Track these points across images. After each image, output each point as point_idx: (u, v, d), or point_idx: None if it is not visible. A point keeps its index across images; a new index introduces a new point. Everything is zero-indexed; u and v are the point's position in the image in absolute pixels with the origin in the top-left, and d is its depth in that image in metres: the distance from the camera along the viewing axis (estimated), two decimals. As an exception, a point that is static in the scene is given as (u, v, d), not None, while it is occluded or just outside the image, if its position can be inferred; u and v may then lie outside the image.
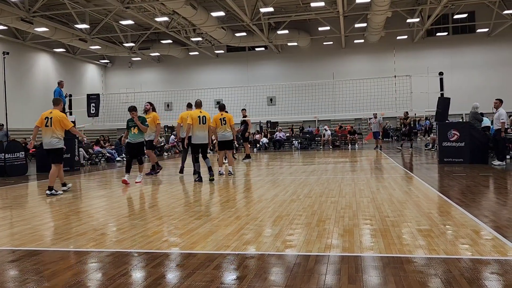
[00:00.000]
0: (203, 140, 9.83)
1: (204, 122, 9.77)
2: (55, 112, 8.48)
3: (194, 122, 9.72)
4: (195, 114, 9.82)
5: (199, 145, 9.83)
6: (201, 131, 9.74)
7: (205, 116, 9.87)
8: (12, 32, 27.86)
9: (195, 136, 9.72)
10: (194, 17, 24.30)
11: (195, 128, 9.72)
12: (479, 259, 3.68)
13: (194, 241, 4.55)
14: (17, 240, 4.84)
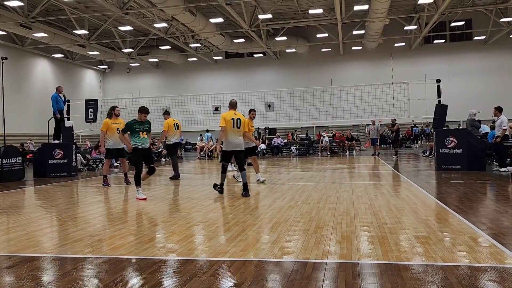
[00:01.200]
0: (237, 146, 8.51)
1: (238, 126, 8.53)
2: None
3: (227, 126, 8.44)
4: (229, 116, 8.49)
5: (231, 152, 8.57)
6: (235, 136, 8.49)
7: (240, 118, 8.58)
8: (10, 37, 27.90)
9: (228, 142, 8.47)
10: (193, 23, 24.39)
11: (228, 132, 8.47)
12: (476, 266, 3.68)
13: (191, 248, 4.53)
14: (13, 246, 4.81)
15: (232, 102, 8.75)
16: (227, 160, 8.57)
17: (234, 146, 8.45)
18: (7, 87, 27.33)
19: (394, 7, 26.42)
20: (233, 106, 8.72)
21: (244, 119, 8.71)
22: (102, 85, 39.27)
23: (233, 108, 8.69)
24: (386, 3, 21.79)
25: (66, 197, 9.04)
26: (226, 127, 8.36)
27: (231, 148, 8.46)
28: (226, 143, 8.45)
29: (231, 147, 8.45)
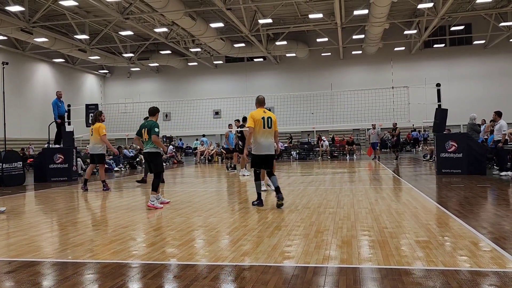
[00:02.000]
0: (269, 149, 7.37)
1: (270, 126, 7.37)
2: None
3: (257, 126, 7.29)
4: (258, 114, 7.34)
5: (262, 156, 7.36)
6: (267, 137, 7.34)
7: (271, 117, 7.41)
8: (11, 42, 27.98)
9: (258, 145, 7.33)
10: (193, 28, 24.47)
11: (258, 133, 7.30)
12: (477, 271, 3.67)
13: (191, 252, 4.53)
14: (14, 251, 4.81)
15: (260, 98, 7.56)
16: (259, 166, 7.43)
17: (266, 149, 7.32)
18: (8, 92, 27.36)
19: (394, 12, 26.49)
20: (261, 103, 7.54)
21: (275, 117, 7.54)
22: (103, 90, 39.33)
23: (262, 105, 7.53)
24: (386, 7, 21.86)
25: (67, 202, 9.04)
26: (255, 128, 7.27)
27: (263, 151, 7.31)
28: (256, 146, 7.34)
29: (262, 150, 7.31)
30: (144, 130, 7.85)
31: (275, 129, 7.54)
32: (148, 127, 7.79)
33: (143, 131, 7.89)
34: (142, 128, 7.94)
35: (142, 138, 7.95)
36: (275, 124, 7.54)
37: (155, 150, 7.81)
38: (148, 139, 7.79)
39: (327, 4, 24.37)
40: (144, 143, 7.92)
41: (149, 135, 7.77)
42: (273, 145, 7.48)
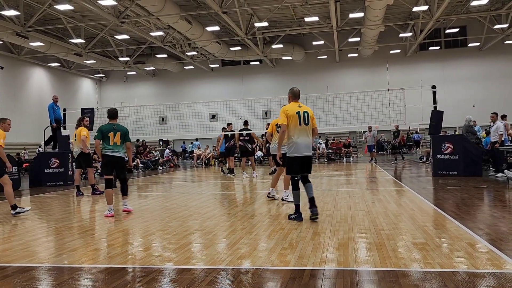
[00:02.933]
0: (307, 149, 6.20)
1: (307, 122, 6.19)
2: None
3: (292, 122, 6.13)
4: (293, 109, 6.18)
5: (301, 158, 6.16)
6: (304, 135, 6.16)
7: (307, 111, 6.25)
8: (7, 47, 27.90)
9: (295, 145, 6.11)
10: (189, 31, 24.48)
11: (294, 131, 6.12)
12: (474, 272, 3.67)
13: (188, 256, 4.51)
14: (9, 256, 4.77)
15: (294, 90, 6.44)
16: (296, 170, 6.18)
17: (304, 149, 6.13)
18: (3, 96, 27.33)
19: (389, 15, 26.61)
20: (296, 96, 6.40)
21: (312, 112, 6.37)
22: (99, 94, 39.25)
23: (296, 99, 6.40)
24: (381, 10, 21.96)
25: (62, 206, 8.99)
26: (290, 125, 6.13)
27: (301, 152, 6.11)
28: (293, 147, 6.13)
29: (300, 151, 6.10)
30: (113, 134, 7.36)
31: (314, 126, 6.37)
32: (122, 131, 7.46)
33: (110, 134, 7.34)
34: (110, 131, 7.36)
35: (108, 142, 7.36)
36: (313, 119, 6.35)
37: (124, 155, 7.52)
38: (121, 144, 7.44)
39: (322, 7, 24.46)
40: (111, 146, 7.36)
41: (123, 140, 7.46)
42: (311, 144, 6.31)
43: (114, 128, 7.44)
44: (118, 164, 7.50)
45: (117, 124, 7.58)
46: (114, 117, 7.65)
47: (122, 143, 7.46)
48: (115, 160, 7.41)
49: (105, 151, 7.38)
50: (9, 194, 7.69)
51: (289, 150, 6.17)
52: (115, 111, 7.70)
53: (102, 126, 7.50)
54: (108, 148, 7.36)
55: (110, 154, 7.36)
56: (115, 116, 7.67)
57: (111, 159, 7.39)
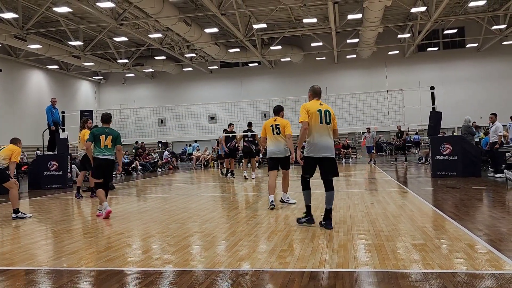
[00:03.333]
0: (327, 150, 5.78)
1: (328, 121, 5.85)
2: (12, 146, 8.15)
3: (312, 121, 5.80)
4: (314, 107, 5.87)
5: (318, 159, 5.81)
6: (324, 135, 5.80)
7: (328, 110, 5.92)
8: (5, 49, 27.87)
9: (314, 145, 5.78)
10: (188, 33, 24.49)
11: (315, 130, 5.78)
12: (474, 273, 3.67)
13: (187, 258, 4.50)
14: (8, 260, 4.75)
15: (315, 88, 6.13)
16: (310, 171, 5.89)
17: (324, 150, 5.74)
18: (1, 99, 27.30)
19: (387, 16, 26.66)
20: (317, 94, 6.08)
21: (333, 112, 6.03)
22: (98, 96, 39.23)
23: (318, 97, 6.09)
24: (379, 12, 21.99)
25: (61, 209, 8.97)
26: (310, 123, 5.81)
27: (320, 153, 5.75)
28: (311, 147, 5.80)
29: (319, 151, 5.75)
30: (105, 137, 7.49)
31: (335, 127, 6.00)
32: (113, 135, 7.58)
33: (101, 137, 7.48)
34: (101, 134, 7.50)
35: (99, 144, 7.48)
36: (335, 119, 6.00)
37: (114, 158, 7.66)
38: (112, 148, 7.56)
39: (321, 9, 24.49)
40: (101, 149, 7.48)
41: (114, 143, 7.58)
42: (332, 145, 5.90)
43: (106, 131, 7.58)
44: (108, 167, 7.56)
45: (109, 128, 7.73)
46: (107, 122, 7.81)
47: (113, 146, 7.60)
48: (105, 163, 7.51)
49: (96, 154, 7.52)
50: (14, 197, 7.86)
51: (307, 149, 5.88)
52: (108, 116, 7.86)
53: (94, 129, 7.82)
54: (99, 150, 7.49)
55: (100, 157, 7.48)
56: (109, 121, 7.84)
57: (102, 162, 7.49)
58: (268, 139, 7.87)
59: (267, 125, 7.91)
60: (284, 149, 7.76)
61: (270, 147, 7.84)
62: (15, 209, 7.78)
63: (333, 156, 5.84)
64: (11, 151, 8.02)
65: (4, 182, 7.96)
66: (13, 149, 8.08)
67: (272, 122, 7.87)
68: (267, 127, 7.89)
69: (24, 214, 7.82)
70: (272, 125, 7.82)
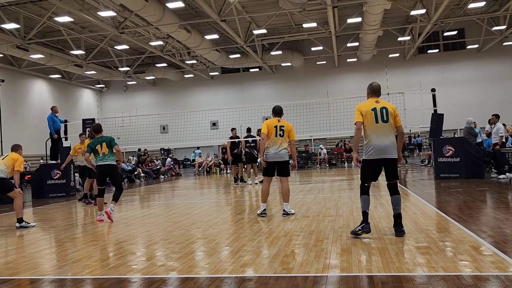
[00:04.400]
0: (386, 151, 5.31)
1: (385, 120, 5.35)
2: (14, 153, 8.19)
3: (367, 121, 5.39)
4: (367, 106, 5.46)
5: (378, 161, 5.36)
6: (382, 135, 5.32)
7: (386, 107, 5.40)
8: (7, 60, 28.04)
9: (372, 147, 5.34)
10: (189, 40, 24.59)
11: (371, 130, 5.37)
12: (478, 275, 3.66)
13: (191, 265, 4.50)
14: (12, 269, 4.76)
15: (373, 86, 5.61)
16: (371, 176, 5.44)
17: (383, 152, 5.30)
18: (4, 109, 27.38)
19: (387, 19, 26.71)
20: (375, 92, 5.58)
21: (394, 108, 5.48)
22: (99, 104, 39.36)
23: (376, 94, 5.57)
24: (379, 15, 22.04)
25: (65, 218, 8.99)
26: (364, 123, 5.41)
27: (378, 154, 5.32)
28: (369, 149, 5.39)
29: (377, 153, 5.31)
30: (100, 145, 7.97)
31: (397, 124, 5.46)
32: (106, 141, 8.01)
33: (98, 147, 7.97)
34: (97, 144, 8.00)
35: (98, 154, 7.98)
36: (396, 116, 5.46)
37: (114, 163, 8.06)
38: (109, 152, 7.98)
39: (320, 13, 24.57)
40: (101, 157, 7.97)
41: (109, 148, 7.99)
42: (394, 145, 5.37)
43: (99, 140, 8.07)
44: (110, 172, 8.06)
45: (101, 136, 8.20)
46: (99, 131, 8.27)
47: (111, 151, 8.03)
48: (106, 168, 7.99)
49: (97, 162, 8.05)
50: (18, 207, 7.91)
51: (365, 152, 5.41)
52: (98, 126, 8.35)
53: (90, 142, 8.22)
54: (99, 158, 8.02)
55: (101, 164, 7.99)
56: (100, 130, 8.29)
57: (102, 168, 7.99)
58: (268, 141, 7.30)
59: (270, 125, 7.30)
60: (283, 153, 7.29)
61: (269, 149, 7.31)
62: (19, 219, 7.84)
63: (394, 157, 5.35)
64: (14, 160, 8.05)
65: (8, 191, 8.01)
66: (15, 158, 8.10)
67: (275, 123, 7.31)
68: (270, 127, 7.27)
69: (28, 223, 7.86)
70: (276, 126, 7.27)
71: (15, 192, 7.98)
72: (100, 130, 8.29)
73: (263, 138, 7.35)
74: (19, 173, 8.19)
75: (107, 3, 19.33)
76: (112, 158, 8.02)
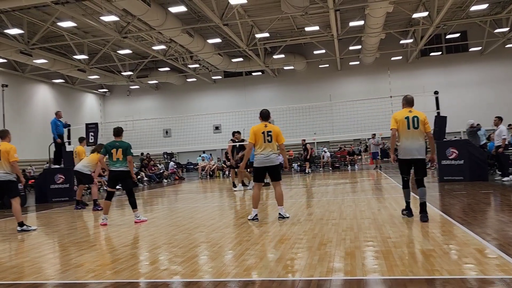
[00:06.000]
0: (417, 152, 6.49)
1: (416, 126, 6.52)
2: (4, 144, 7.91)
3: (400, 127, 6.55)
4: (401, 115, 6.62)
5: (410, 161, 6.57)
6: (414, 139, 6.48)
7: (417, 116, 6.57)
8: (11, 65, 28.18)
9: (404, 149, 6.54)
10: (191, 44, 24.66)
11: (403, 135, 6.54)
12: (483, 278, 3.63)
13: (194, 269, 4.49)
14: (16, 274, 4.77)
15: (408, 98, 6.79)
16: (406, 172, 6.65)
17: (413, 153, 6.45)
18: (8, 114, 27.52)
19: (389, 22, 26.70)
20: (408, 103, 6.74)
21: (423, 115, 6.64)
22: (103, 109, 39.48)
23: (409, 105, 6.70)
24: (381, 18, 22.05)
25: (68, 222, 9.00)
26: (398, 129, 6.54)
27: (409, 155, 6.47)
28: (401, 150, 6.59)
29: (410, 153, 6.46)
30: (116, 150, 8.04)
31: (427, 130, 6.57)
32: (123, 147, 8.07)
33: (113, 150, 8.04)
34: (113, 148, 8.06)
35: (111, 158, 8.07)
36: (426, 123, 6.59)
37: (126, 169, 8.13)
38: (123, 159, 8.05)
39: (323, 17, 24.59)
40: (114, 162, 8.07)
41: (124, 155, 8.04)
42: (423, 147, 6.51)
43: (116, 144, 8.13)
44: (120, 177, 8.20)
45: (120, 141, 8.24)
46: (118, 135, 8.32)
47: (125, 158, 8.09)
48: (117, 174, 8.12)
49: (110, 166, 8.20)
50: (17, 211, 7.95)
51: (400, 153, 6.67)
52: (119, 129, 8.36)
53: (107, 143, 8.30)
54: (111, 163, 8.14)
55: (113, 169, 8.13)
56: (119, 134, 8.32)
57: (114, 173, 8.13)
58: (257, 147, 7.34)
59: (257, 131, 7.30)
60: (274, 157, 7.34)
61: (258, 155, 7.33)
62: (19, 222, 7.91)
63: (422, 157, 6.52)
64: (7, 153, 7.75)
65: (14, 195, 7.99)
66: (8, 150, 7.79)
67: (263, 129, 7.33)
68: (257, 133, 7.28)
69: (29, 227, 7.89)
70: (264, 132, 7.30)
71: (17, 198, 8.00)
72: (120, 134, 8.32)
73: (249, 148, 7.56)
74: (16, 163, 7.90)
75: (110, 8, 19.43)
76: (125, 165, 8.12)
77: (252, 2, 21.70)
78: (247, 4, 21.12)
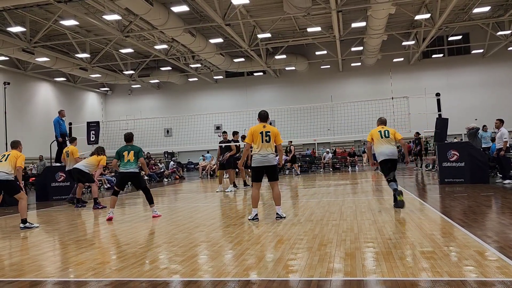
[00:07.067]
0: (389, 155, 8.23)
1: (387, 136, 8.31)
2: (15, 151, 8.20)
3: (375, 139, 8.39)
4: (376, 130, 8.50)
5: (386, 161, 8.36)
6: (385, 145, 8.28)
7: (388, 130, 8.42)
8: (13, 63, 28.23)
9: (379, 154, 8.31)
10: (193, 44, 24.69)
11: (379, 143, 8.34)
12: (483, 281, 3.63)
13: (194, 268, 4.49)
14: (16, 271, 4.77)
15: (382, 120, 8.69)
16: (387, 171, 8.18)
17: (387, 155, 8.19)
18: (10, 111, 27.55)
19: (392, 23, 26.71)
20: (382, 122, 8.64)
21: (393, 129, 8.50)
22: (104, 107, 39.53)
23: (383, 124, 8.59)
24: (383, 19, 22.05)
25: (69, 220, 9.01)
26: (373, 141, 8.34)
27: (386, 156, 8.19)
28: (379, 155, 8.27)
29: (385, 155, 8.19)
30: (127, 152, 8.51)
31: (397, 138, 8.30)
32: (135, 150, 8.56)
33: (125, 153, 8.50)
34: (125, 151, 8.53)
35: (123, 160, 8.49)
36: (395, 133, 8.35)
37: (137, 170, 8.59)
38: (134, 160, 8.49)
39: (325, 18, 24.61)
40: (125, 163, 8.49)
41: (136, 157, 8.51)
42: (394, 150, 8.28)
43: (128, 148, 8.61)
44: (131, 178, 8.70)
45: (131, 145, 8.74)
46: (129, 140, 8.79)
47: (136, 160, 8.53)
48: (127, 175, 8.57)
49: (120, 168, 8.60)
50: (23, 208, 8.03)
51: (378, 157, 8.33)
52: (129, 135, 8.81)
53: (119, 149, 8.75)
54: (122, 165, 8.53)
55: (123, 171, 8.51)
56: (130, 139, 8.80)
57: (124, 174, 8.56)
58: (255, 147, 7.40)
59: (255, 132, 7.37)
60: (271, 158, 7.36)
61: (256, 155, 7.37)
62: (23, 219, 7.93)
63: (395, 158, 8.25)
64: (16, 158, 8.09)
65: (15, 193, 8.09)
66: (17, 156, 8.15)
67: (261, 129, 7.38)
68: (255, 134, 7.35)
69: (32, 224, 7.95)
70: (262, 132, 7.34)
71: (22, 194, 8.09)
72: (131, 139, 8.77)
73: (247, 148, 8.11)
74: (21, 170, 8.26)
75: (113, 6, 19.46)
76: (135, 166, 8.53)
77: (255, 2, 21.72)
78: (250, 4, 21.14)
